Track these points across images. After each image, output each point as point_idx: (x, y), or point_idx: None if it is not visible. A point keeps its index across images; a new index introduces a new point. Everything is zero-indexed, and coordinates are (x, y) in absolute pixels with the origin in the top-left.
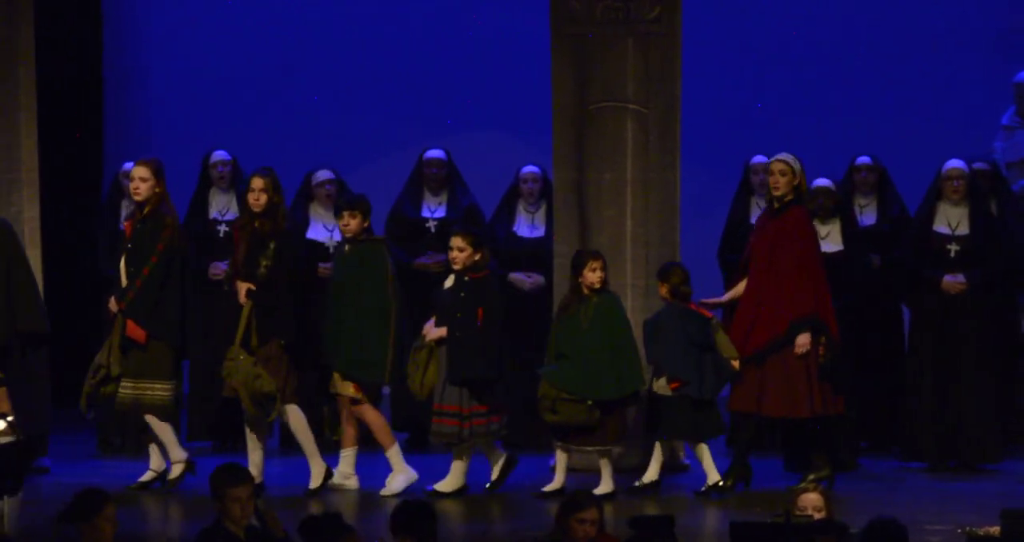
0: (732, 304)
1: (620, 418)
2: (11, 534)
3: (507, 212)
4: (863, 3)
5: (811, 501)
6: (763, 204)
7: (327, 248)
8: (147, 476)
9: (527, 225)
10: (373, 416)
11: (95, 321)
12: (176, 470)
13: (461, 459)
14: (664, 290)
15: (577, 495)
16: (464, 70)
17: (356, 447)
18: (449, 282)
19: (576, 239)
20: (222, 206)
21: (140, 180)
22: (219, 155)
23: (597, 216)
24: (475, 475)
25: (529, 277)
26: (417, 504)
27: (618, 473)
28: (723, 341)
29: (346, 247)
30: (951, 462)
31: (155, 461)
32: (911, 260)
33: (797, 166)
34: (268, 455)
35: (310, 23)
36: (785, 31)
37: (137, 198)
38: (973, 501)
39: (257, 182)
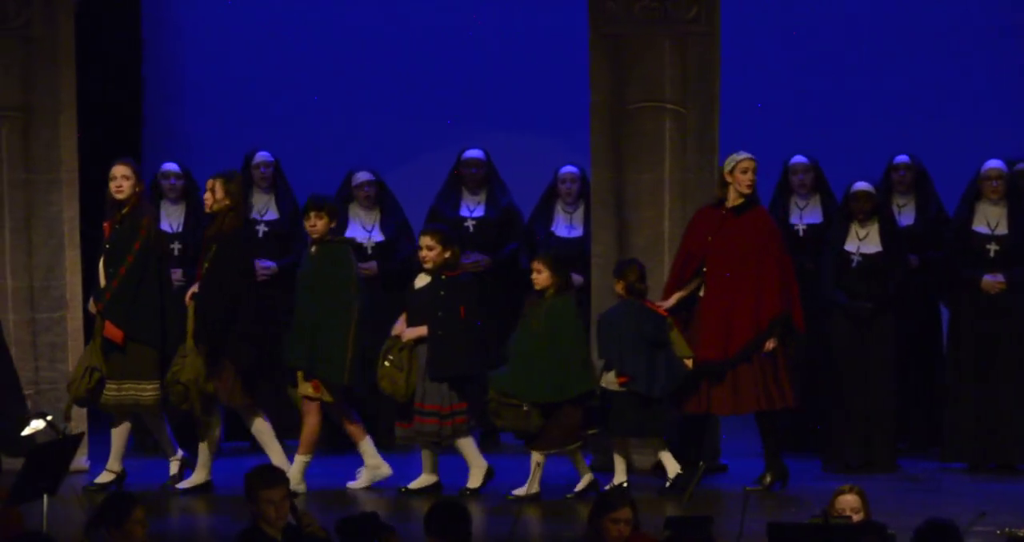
0: (686, 305)
1: (565, 422)
2: (50, 533)
3: (545, 212)
4: (902, 1)
5: (849, 502)
6: (802, 204)
7: (366, 248)
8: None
9: (565, 225)
10: (313, 420)
11: None
12: (104, 477)
13: (432, 457)
14: (620, 287)
15: (610, 495)
16: (503, 70)
17: (368, 437)
18: (422, 281)
19: (614, 239)
20: (261, 206)
21: (123, 179)
22: (262, 156)
23: (635, 216)
24: (451, 475)
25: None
26: (451, 505)
27: (634, 474)
28: (677, 340)
29: (312, 248)
30: (991, 463)
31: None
32: (950, 260)
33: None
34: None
35: (348, 24)
36: (824, 30)
37: (119, 197)
38: (1013, 502)
39: (210, 182)
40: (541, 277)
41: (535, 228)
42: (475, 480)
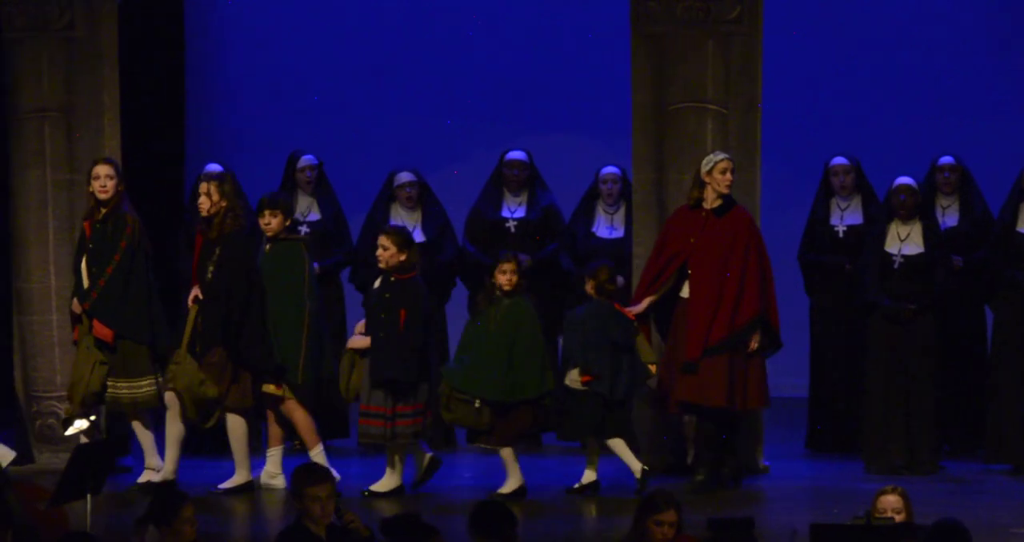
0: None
1: (515, 421)
2: (95, 532)
3: (586, 212)
4: (944, 1)
5: (891, 503)
6: (844, 205)
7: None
8: (147, 476)
9: (606, 226)
10: (300, 415)
11: (172, 319)
12: (145, 476)
13: (395, 459)
14: (590, 287)
15: (655, 496)
16: (545, 71)
17: (282, 446)
18: (377, 283)
19: (654, 240)
20: (304, 208)
21: (107, 178)
22: (307, 159)
23: None
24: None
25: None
26: (497, 507)
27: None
28: (642, 345)
29: (267, 246)
30: None
31: (150, 460)
32: (994, 261)
33: None
34: (347, 455)
35: (393, 24)
36: (865, 30)
37: (103, 196)
38: None
39: (202, 187)
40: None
41: (576, 229)
42: (384, 485)
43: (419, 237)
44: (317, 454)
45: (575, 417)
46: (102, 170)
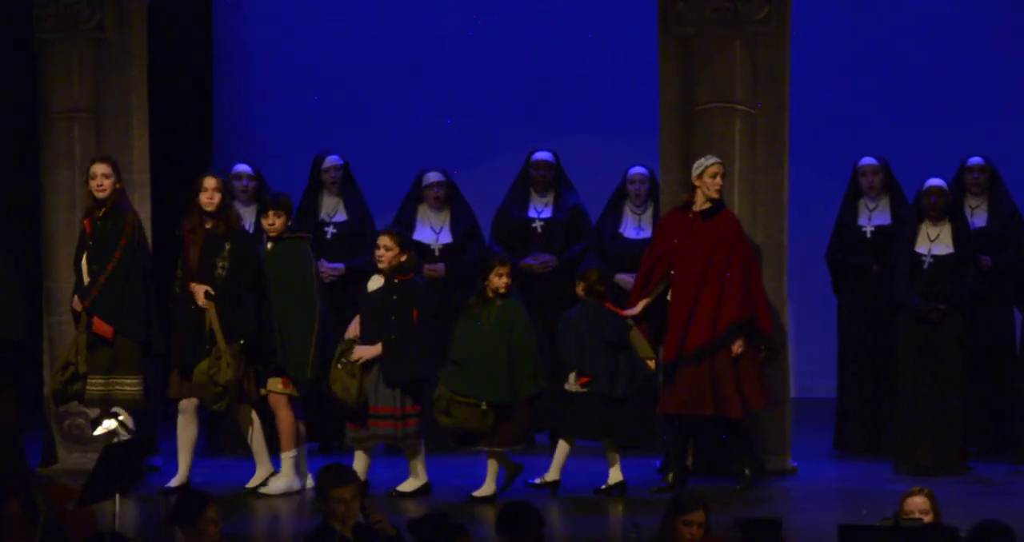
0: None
1: (514, 421)
2: (124, 532)
3: (614, 213)
4: (971, 1)
5: (919, 504)
6: (872, 206)
7: (433, 250)
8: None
9: (634, 226)
10: (286, 414)
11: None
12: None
13: (417, 458)
14: (580, 289)
15: (684, 497)
16: (573, 71)
17: (295, 449)
18: (376, 284)
19: None
20: (331, 209)
21: (103, 177)
22: (332, 160)
23: None
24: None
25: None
26: (523, 506)
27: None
28: (639, 341)
29: (269, 246)
30: None
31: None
32: (1022, 262)
33: None
34: (375, 456)
35: (419, 25)
36: (895, 30)
37: (101, 195)
38: None
39: (211, 182)
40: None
41: (603, 229)
42: (409, 486)
43: (446, 238)
44: (288, 457)
45: (580, 419)
46: (99, 169)
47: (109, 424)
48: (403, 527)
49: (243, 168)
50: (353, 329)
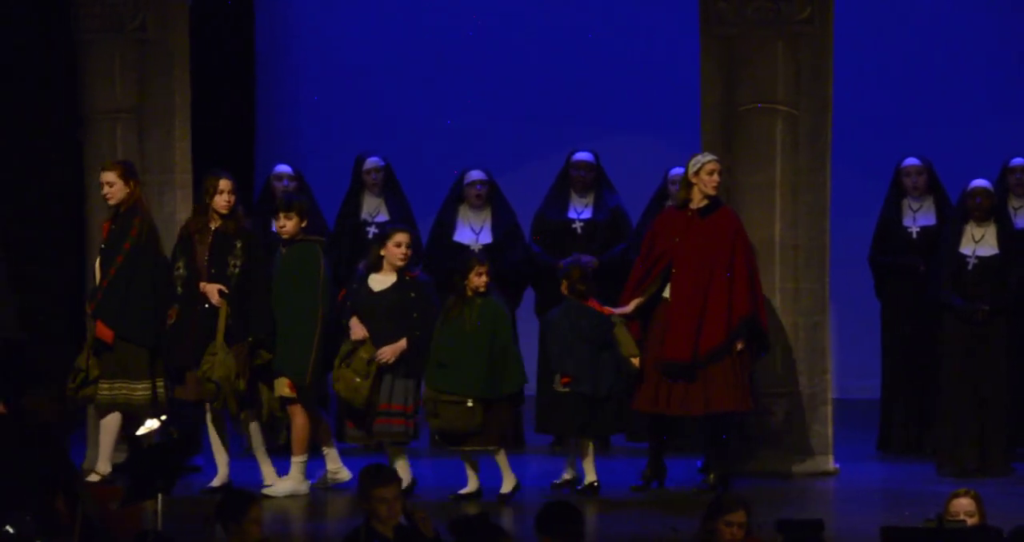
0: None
1: (500, 420)
2: (166, 532)
3: (655, 214)
4: (1017, 1)
5: (963, 506)
6: (916, 206)
7: (473, 251)
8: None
9: None
10: (301, 421)
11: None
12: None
13: (402, 458)
14: (564, 287)
15: (725, 497)
16: (613, 72)
17: (334, 445)
18: (384, 282)
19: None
20: (372, 209)
21: (107, 184)
22: (373, 161)
23: (746, 218)
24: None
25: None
26: (563, 505)
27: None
28: (624, 339)
29: (283, 249)
30: None
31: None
32: None
33: None
34: (418, 456)
35: (460, 26)
36: (939, 29)
37: (111, 202)
38: None
39: (225, 184)
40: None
41: (644, 230)
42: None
43: (486, 238)
44: (298, 462)
45: (561, 417)
46: (104, 177)
47: (152, 424)
48: (444, 528)
49: (284, 169)
50: (358, 330)
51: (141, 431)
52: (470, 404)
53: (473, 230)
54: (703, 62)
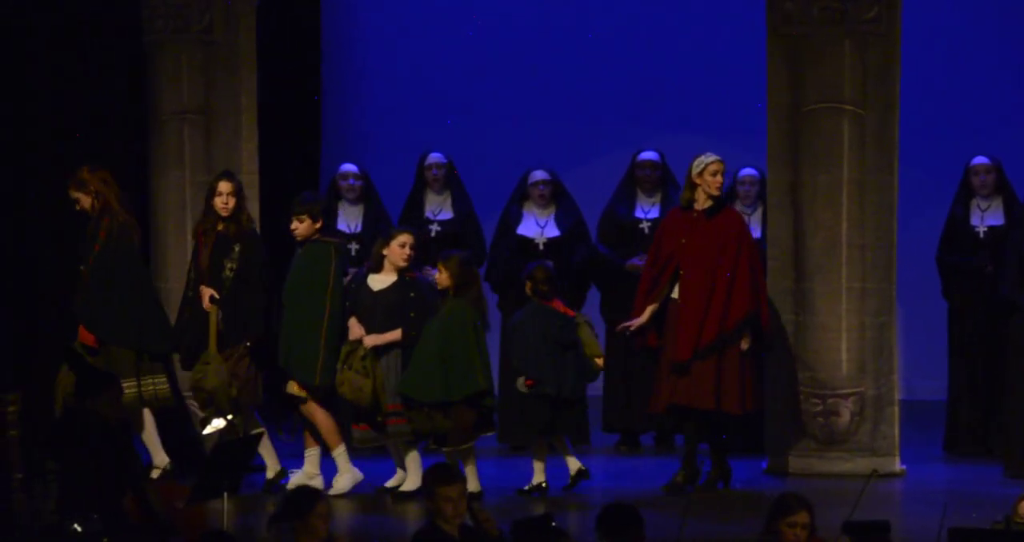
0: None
1: (461, 421)
2: (231, 531)
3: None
4: None
5: None
6: (984, 206)
7: (537, 244)
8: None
9: None
10: (321, 417)
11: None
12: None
13: (412, 454)
14: (527, 288)
15: (787, 498)
16: (681, 71)
17: (318, 446)
18: (383, 282)
19: (790, 241)
20: (435, 207)
21: (74, 200)
22: (434, 158)
23: (812, 218)
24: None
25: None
26: (625, 508)
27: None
28: (588, 340)
29: (298, 250)
30: None
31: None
32: None
33: None
34: (486, 455)
35: (527, 25)
36: (1006, 28)
37: (84, 210)
38: None
39: (225, 186)
40: (442, 277)
41: None
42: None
43: (552, 231)
44: (339, 454)
45: (523, 420)
46: (71, 194)
47: (218, 423)
48: (507, 529)
49: (350, 168)
50: (355, 330)
51: (207, 431)
52: (425, 411)
53: (538, 223)
54: (769, 62)
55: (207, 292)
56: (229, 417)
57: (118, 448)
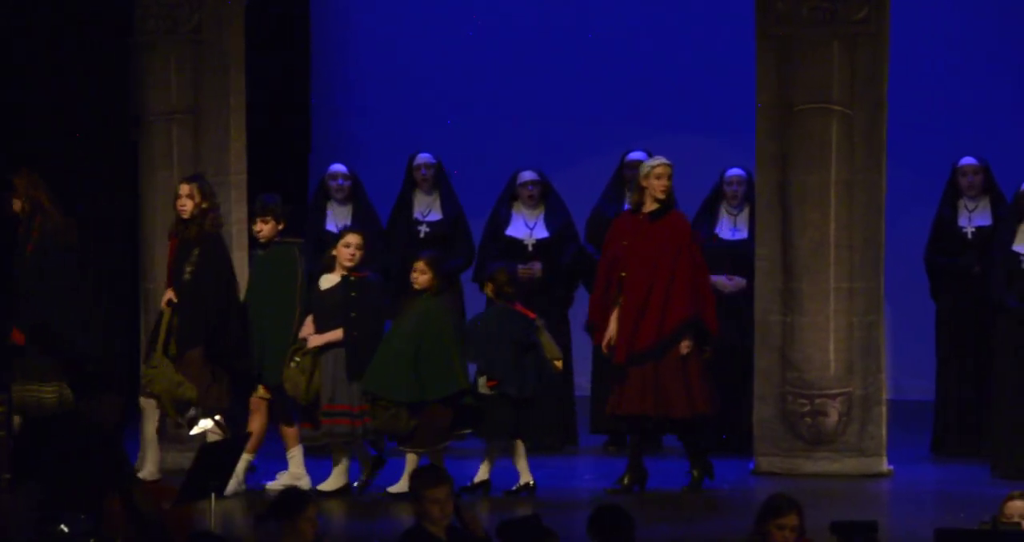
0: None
1: (433, 422)
2: (219, 531)
3: (710, 214)
4: None
5: (1019, 508)
6: (972, 206)
7: (526, 245)
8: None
9: (729, 227)
10: (261, 420)
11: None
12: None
13: (342, 458)
14: (489, 290)
15: (776, 500)
16: (669, 71)
17: (300, 446)
18: (331, 282)
19: (778, 241)
20: (424, 207)
21: (14, 197)
22: (423, 158)
23: (800, 218)
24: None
25: (731, 280)
26: (615, 509)
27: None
28: (547, 342)
29: (260, 252)
30: None
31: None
32: None
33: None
34: (475, 457)
35: (515, 26)
36: (995, 30)
37: (19, 212)
38: None
39: (183, 188)
40: (424, 278)
41: (699, 230)
42: (332, 484)
43: (541, 233)
44: (246, 459)
45: (489, 421)
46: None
47: (205, 424)
48: (494, 530)
49: (339, 168)
50: (307, 329)
51: (195, 431)
52: (393, 410)
53: (527, 224)
54: (759, 62)
55: (167, 294)
56: (216, 417)
57: (110, 450)
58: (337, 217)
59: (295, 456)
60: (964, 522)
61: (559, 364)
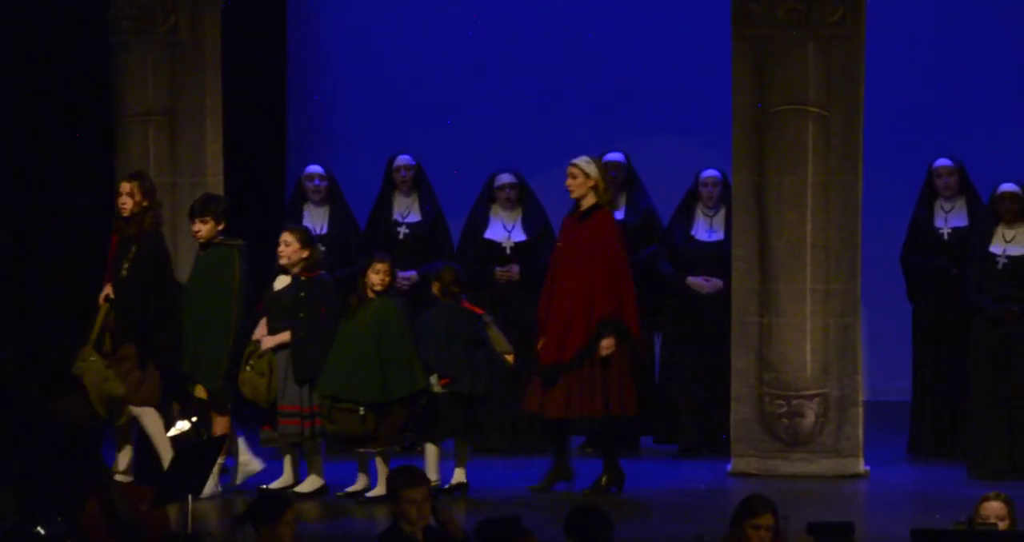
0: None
1: (394, 422)
2: (194, 533)
3: (685, 215)
4: None
5: (995, 509)
6: (948, 207)
7: (504, 248)
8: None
9: (705, 229)
10: (220, 427)
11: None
12: None
13: (317, 459)
14: (435, 289)
15: (752, 500)
16: (645, 73)
17: (240, 435)
18: (282, 283)
19: (755, 242)
20: (403, 209)
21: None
22: (403, 160)
23: (776, 220)
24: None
25: (707, 281)
26: (592, 509)
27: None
28: (496, 337)
29: (199, 252)
30: None
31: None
32: None
33: (592, 169)
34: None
35: (493, 27)
36: (970, 30)
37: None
38: None
39: (124, 186)
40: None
41: (675, 232)
42: (307, 486)
43: (519, 236)
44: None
45: (442, 419)
46: None
47: (182, 425)
48: (471, 529)
49: (315, 169)
50: (260, 330)
51: (171, 433)
52: (361, 412)
53: (505, 227)
54: (734, 63)
55: (105, 290)
56: (193, 419)
57: (85, 451)
58: (314, 218)
59: (239, 446)
60: (940, 523)
61: (511, 358)
